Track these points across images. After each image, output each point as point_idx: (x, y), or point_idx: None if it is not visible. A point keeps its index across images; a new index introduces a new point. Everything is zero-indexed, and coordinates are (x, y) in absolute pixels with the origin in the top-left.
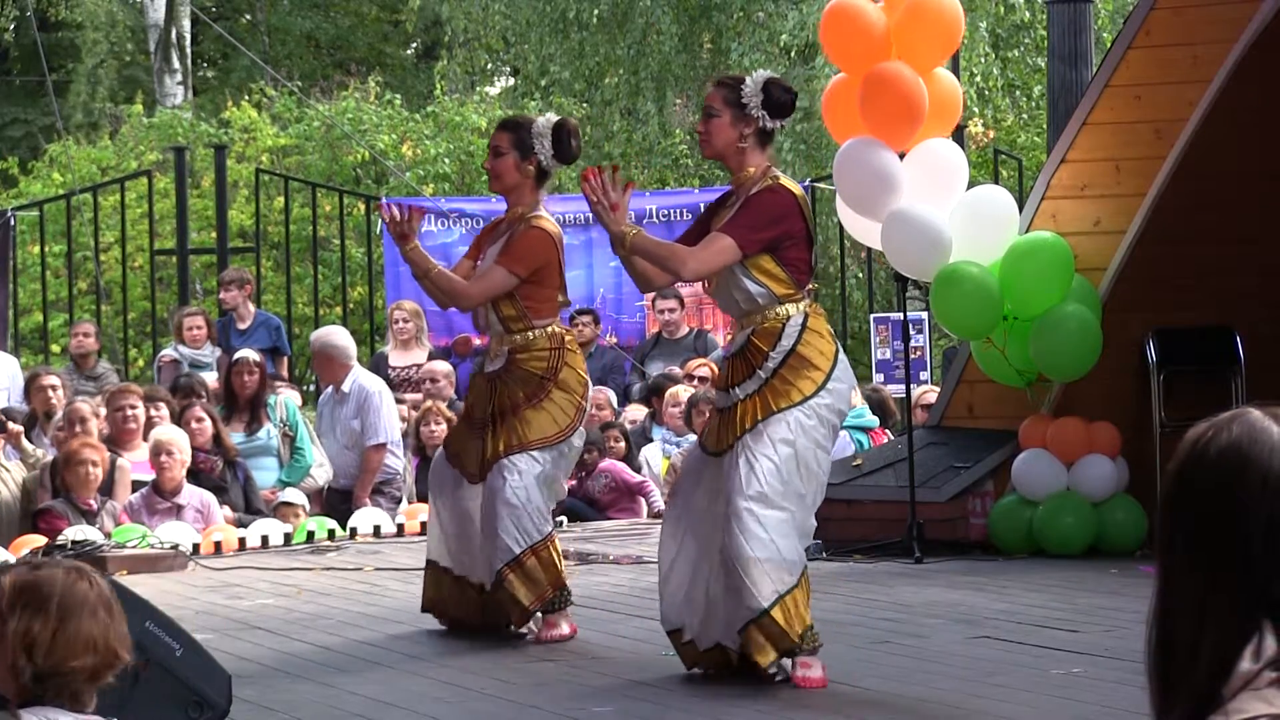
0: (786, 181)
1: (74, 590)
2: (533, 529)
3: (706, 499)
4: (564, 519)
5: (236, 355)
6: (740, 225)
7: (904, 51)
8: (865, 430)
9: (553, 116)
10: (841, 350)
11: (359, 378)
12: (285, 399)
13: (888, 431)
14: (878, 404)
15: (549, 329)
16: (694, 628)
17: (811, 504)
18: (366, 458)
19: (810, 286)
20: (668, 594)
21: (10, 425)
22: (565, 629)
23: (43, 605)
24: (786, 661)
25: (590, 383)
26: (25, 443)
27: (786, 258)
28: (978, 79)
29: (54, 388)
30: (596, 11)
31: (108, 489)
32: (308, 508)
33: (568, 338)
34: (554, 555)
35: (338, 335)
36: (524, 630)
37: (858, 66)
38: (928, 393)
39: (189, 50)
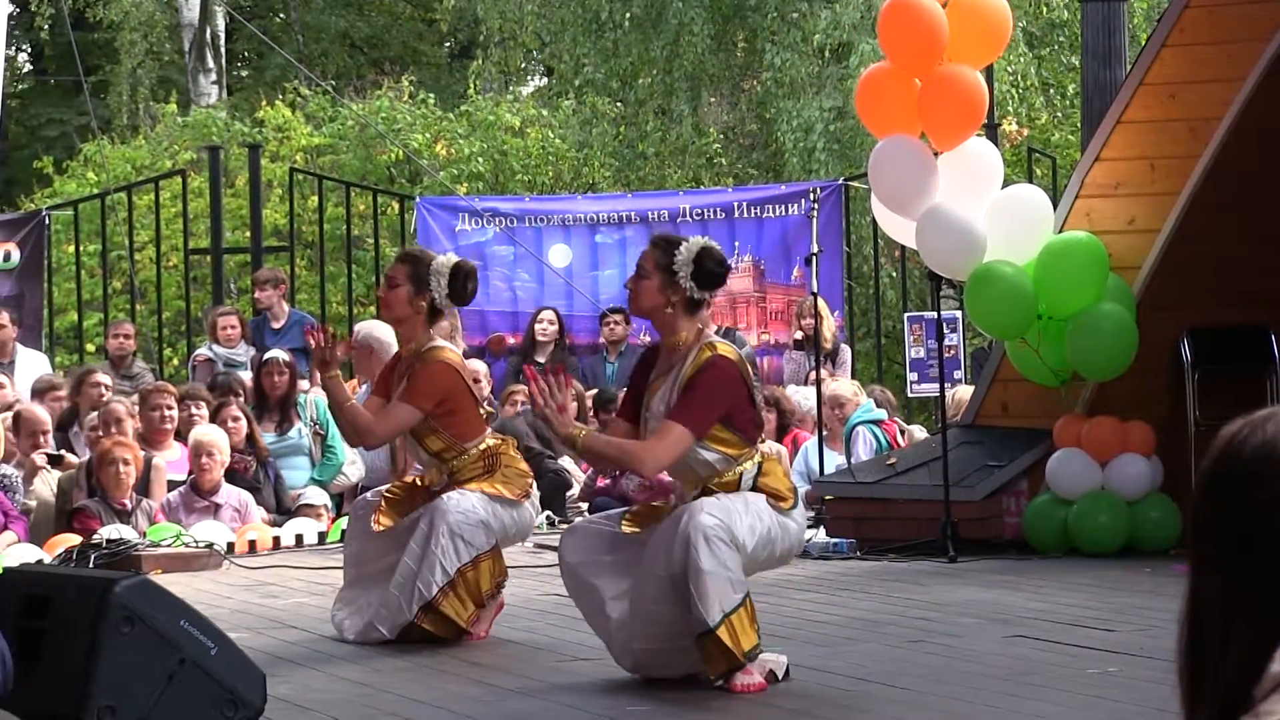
0: (723, 348)
1: None
2: (470, 548)
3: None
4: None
5: (266, 355)
6: (691, 412)
7: (956, 50)
8: (877, 423)
9: (452, 256)
10: (800, 498)
11: None
12: (315, 398)
13: (898, 420)
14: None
15: (481, 446)
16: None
17: (749, 564)
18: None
19: (760, 440)
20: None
21: (66, 457)
22: (482, 629)
23: None
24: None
25: (533, 480)
26: (69, 456)
27: (737, 424)
28: (1015, 77)
29: (107, 386)
30: (630, 12)
31: (144, 488)
32: (330, 507)
33: (501, 447)
34: (489, 567)
35: (381, 329)
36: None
37: (913, 62)
38: (965, 392)
39: (223, 49)
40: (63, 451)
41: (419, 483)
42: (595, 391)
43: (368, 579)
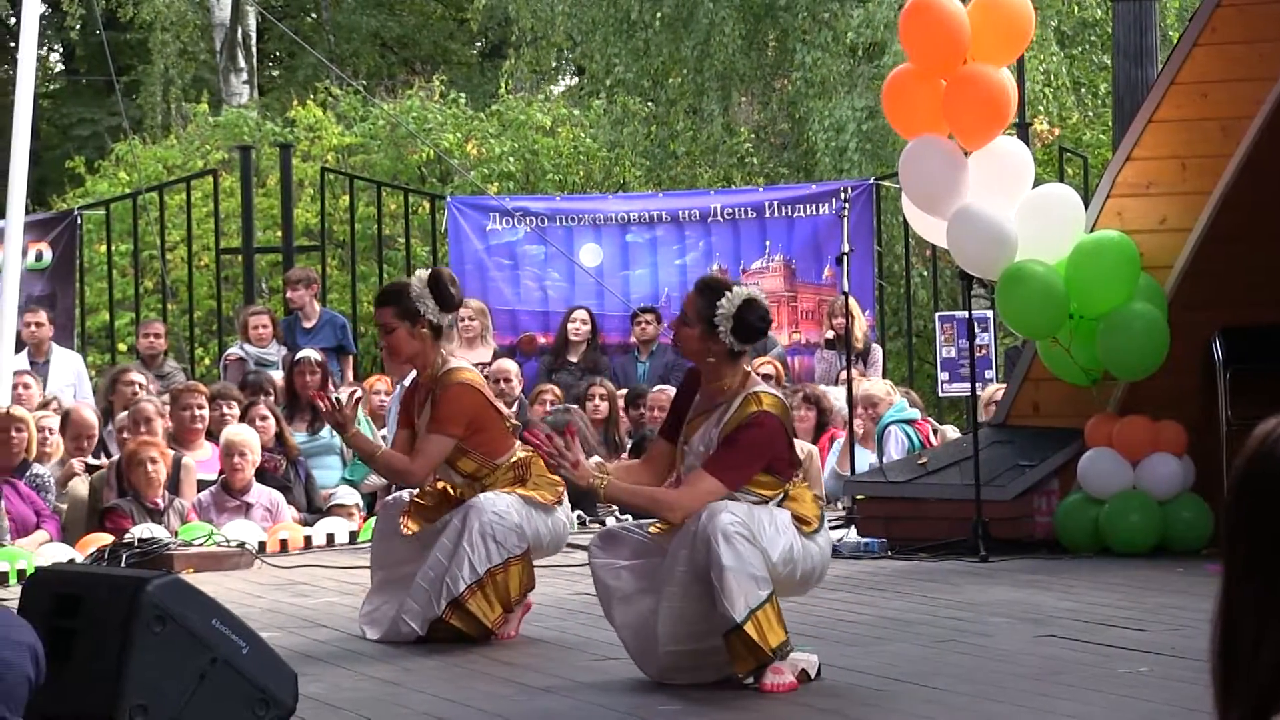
0: (768, 401)
1: None
2: (502, 549)
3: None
4: (629, 516)
5: (298, 355)
6: (728, 468)
7: (979, 49)
8: (910, 423)
9: (423, 272)
10: (826, 523)
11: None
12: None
13: (930, 420)
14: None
15: (511, 459)
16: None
17: (772, 572)
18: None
19: (797, 476)
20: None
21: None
22: (510, 629)
23: None
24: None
25: (565, 488)
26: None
27: (775, 469)
28: (1047, 76)
29: (140, 385)
30: (660, 12)
31: (175, 487)
32: (362, 507)
33: (531, 459)
34: (519, 571)
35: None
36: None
37: (936, 63)
38: (997, 390)
39: (255, 49)
40: (101, 459)
41: (450, 491)
42: (625, 391)
43: (394, 584)
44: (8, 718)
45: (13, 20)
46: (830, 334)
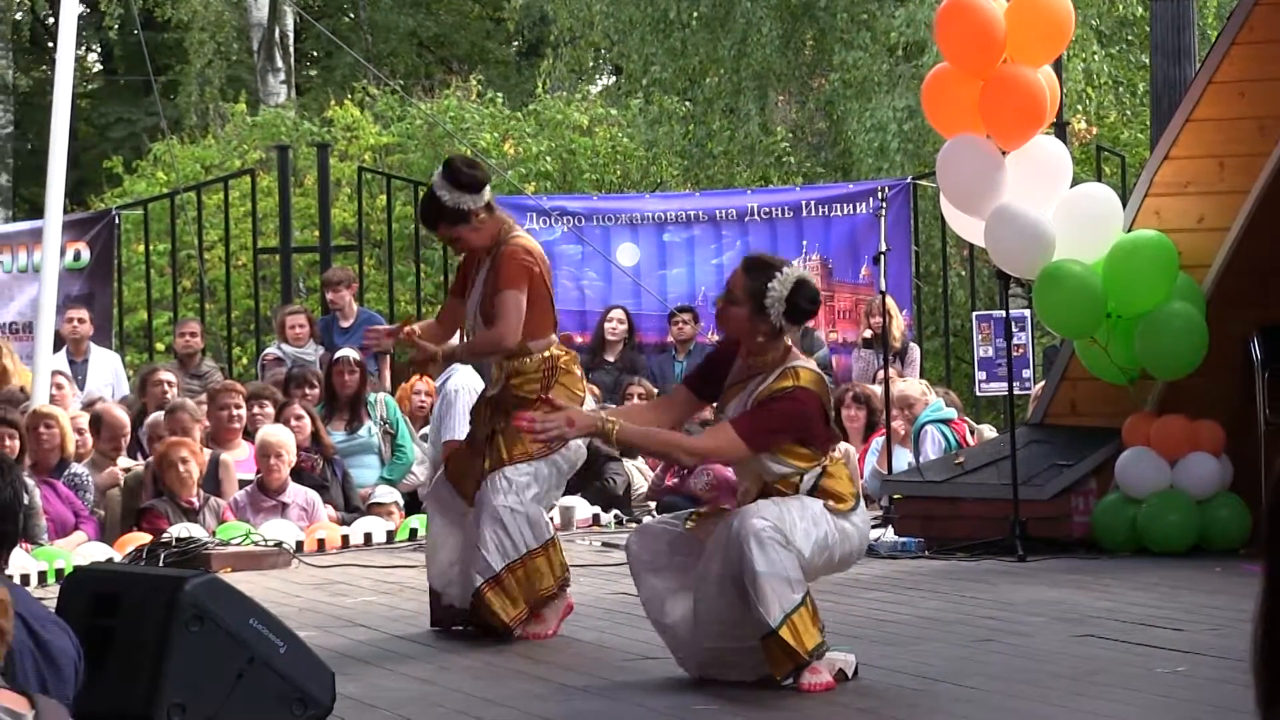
0: (805, 376)
1: None
2: (519, 543)
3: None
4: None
5: (337, 355)
6: (755, 429)
7: (1017, 49)
8: (946, 422)
9: (437, 175)
10: (862, 497)
11: (451, 376)
12: (385, 397)
13: (967, 419)
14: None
15: (545, 352)
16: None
17: (807, 569)
18: (441, 456)
19: (834, 448)
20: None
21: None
22: (549, 628)
23: None
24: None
25: (590, 398)
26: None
27: (812, 442)
28: (1087, 74)
29: (169, 384)
30: (697, 12)
31: (214, 487)
32: (401, 505)
33: (563, 359)
34: (545, 564)
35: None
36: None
37: (972, 63)
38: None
39: (292, 49)
40: (137, 460)
41: (474, 437)
42: (658, 393)
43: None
44: (68, 702)
45: (51, 20)
46: (868, 333)
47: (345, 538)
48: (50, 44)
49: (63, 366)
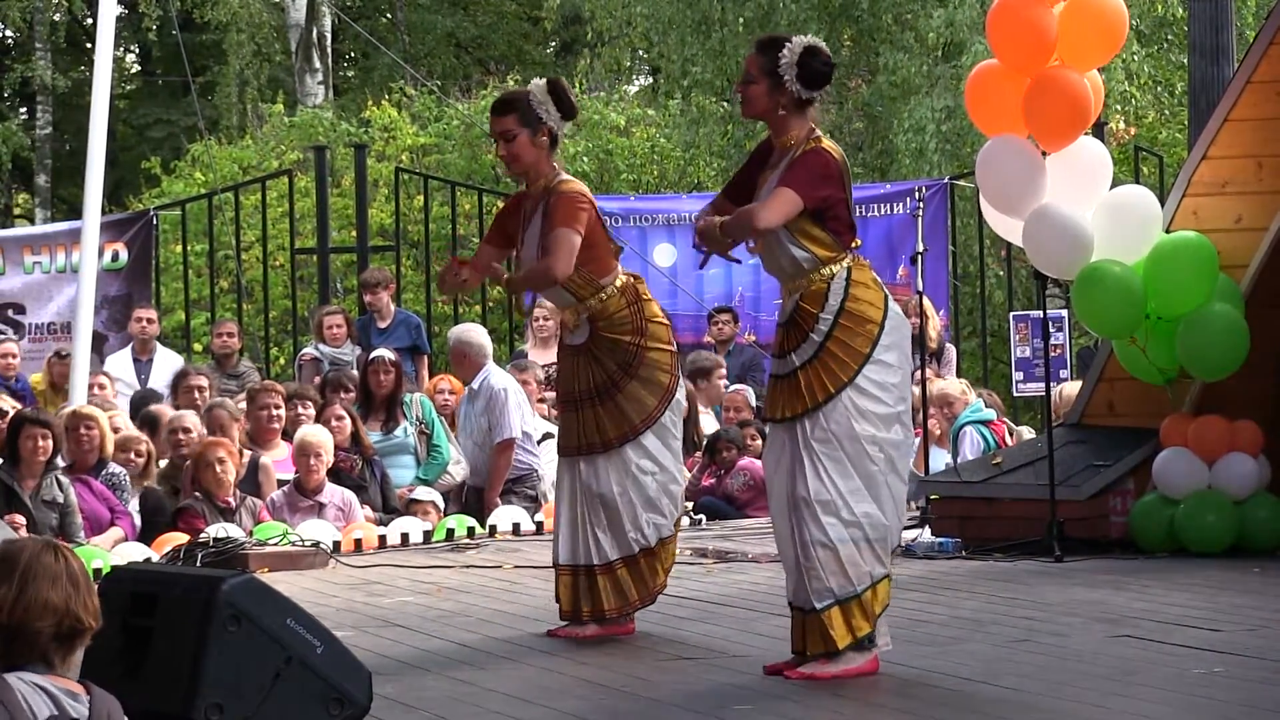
0: (829, 145)
1: (39, 561)
2: (649, 533)
3: (782, 477)
4: (702, 517)
5: (373, 355)
6: (799, 180)
7: (1067, 50)
8: (986, 423)
9: (540, 80)
10: (891, 298)
11: (489, 375)
12: (421, 397)
13: (1006, 420)
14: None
15: (618, 283)
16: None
17: (889, 486)
18: (493, 456)
19: (855, 244)
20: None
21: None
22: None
23: (9, 573)
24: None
25: (670, 323)
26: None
27: (830, 221)
28: (1130, 75)
29: (200, 388)
30: (743, 17)
31: (253, 487)
32: (441, 505)
33: (640, 286)
34: (657, 563)
35: (473, 333)
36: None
37: (1021, 62)
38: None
39: (330, 50)
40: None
41: (567, 394)
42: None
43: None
44: None
45: (89, 21)
46: None
47: (382, 538)
48: (89, 45)
49: (127, 365)
